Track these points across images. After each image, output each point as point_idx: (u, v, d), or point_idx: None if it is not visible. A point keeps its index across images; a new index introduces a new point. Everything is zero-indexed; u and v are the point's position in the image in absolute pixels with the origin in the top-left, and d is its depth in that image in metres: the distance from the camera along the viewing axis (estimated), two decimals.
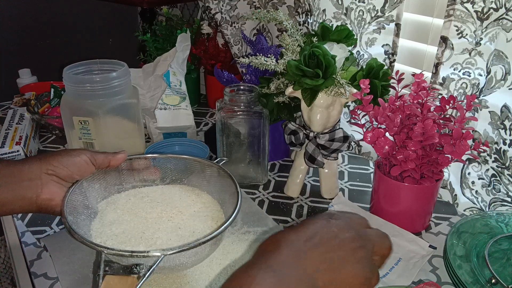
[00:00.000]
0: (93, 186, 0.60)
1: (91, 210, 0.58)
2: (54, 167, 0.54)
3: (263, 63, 0.71)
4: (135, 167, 0.64)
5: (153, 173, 0.64)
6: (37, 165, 0.54)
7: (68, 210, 0.53)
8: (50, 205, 0.54)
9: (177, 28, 1.16)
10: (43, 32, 1.52)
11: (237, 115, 0.76)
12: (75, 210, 0.55)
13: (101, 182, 0.61)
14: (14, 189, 0.52)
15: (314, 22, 0.92)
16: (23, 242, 0.66)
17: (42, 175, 0.53)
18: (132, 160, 0.64)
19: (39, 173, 0.53)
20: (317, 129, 0.72)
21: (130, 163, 0.64)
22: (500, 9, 0.62)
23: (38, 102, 1.02)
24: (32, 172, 0.53)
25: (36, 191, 0.53)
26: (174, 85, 1.01)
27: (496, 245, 0.60)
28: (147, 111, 1.00)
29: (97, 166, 0.59)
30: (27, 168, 0.53)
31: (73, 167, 0.56)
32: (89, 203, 0.58)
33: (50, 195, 0.53)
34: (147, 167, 0.64)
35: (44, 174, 0.54)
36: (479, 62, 0.68)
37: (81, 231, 0.52)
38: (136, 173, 0.64)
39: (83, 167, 0.57)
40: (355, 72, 0.71)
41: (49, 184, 0.54)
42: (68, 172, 0.55)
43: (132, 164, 0.64)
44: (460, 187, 0.76)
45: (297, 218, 0.73)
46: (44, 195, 0.53)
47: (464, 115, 0.60)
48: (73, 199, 0.55)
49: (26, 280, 0.62)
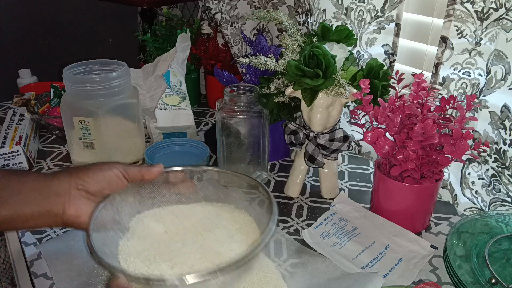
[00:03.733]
0: (127, 200, 0.56)
1: (122, 225, 0.55)
2: (84, 182, 0.52)
3: (263, 63, 0.71)
4: (170, 180, 0.60)
5: (189, 186, 0.61)
6: (67, 180, 0.51)
7: (95, 226, 0.50)
8: (77, 222, 0.51)
9: (177, 28, 1.16)
10: (43, 32, 1.52)
11: (237, 115, 0.76)
12: (103, 226, 0.52)
13: (135, 196, 0.57)
14: (41, 204, 0.50)
15: (314, 22, 0.92)
16: (23, 242, 0.66)
17: (71, 190, 0.51)
18: (168, 173, 0.59)
19: (68, 188, 0.51)
20: (317, 129, 0.72)
21: (166, 176, 0.59)
22: (500, 9, 0.62)
23: (38, 102, 1.02)
24: (61, 187, 0.51)
25: (63, 207, 0.50)
26: (174, 85, 1.01)
27: (496, 245, 0.60)
28: (147, 111, 1.00)
29: (129, 180, 0.55)
30: (56, 182, 0.51)
31: (104, 182, 0.53)
32: (120, 219, 0.55)
33: (76, 211, 0.51)
34: (183, 180, 0.61)
35: (73, 189, 0.51)
36: (479, 62, 0.68)
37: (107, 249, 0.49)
38: (171, 186, 0.60)
39: (114, 182, 0.54)
40: (355, 72, 0.71)
41: (77, 199, 0.51)
42: (98, 187, 0.52)
43: (168, 178, 0.60)
44: (460, 187, 0.76)
45: (297, 218, 0.73)
46: (71, 211, 0.51)
47: (464, 115, 0.60)
48: (103, 214, 0.52)
49: (26, 280, 0.62)
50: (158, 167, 0.57)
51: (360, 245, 0.66)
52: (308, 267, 0.61)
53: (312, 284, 0.58)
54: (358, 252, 0.65)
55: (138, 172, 0.56)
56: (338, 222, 0.71)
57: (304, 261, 0.62)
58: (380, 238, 0.67)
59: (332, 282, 0.58)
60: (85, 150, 0.84)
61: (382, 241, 0.66)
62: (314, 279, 0.59)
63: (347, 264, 0.61)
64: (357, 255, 0.64)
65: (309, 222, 0.72)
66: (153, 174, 0.57)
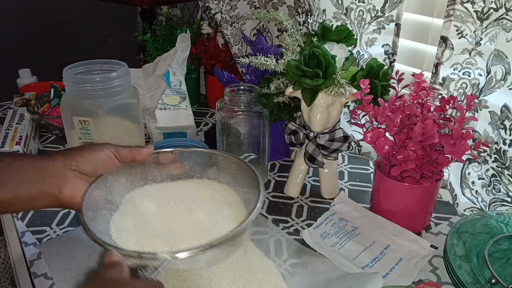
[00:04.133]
0: (118, 180, 0.58)
1: (114, 204, 0.56)
2: (77, 163, 0.53)
3: (263, 63, 0.71)
4: (161, 161, 0.62)
5: (179, 167, 0.62)
6: (61, 161, 0.53)
7: (87, 205, 0.51)
8: (73, 202, 0.53)
9: (177, 28, 1.16)
10: (43, 32, 1.52)
11: (237, 115, 0.76)
12: (96, 205, 0.53)
13: (126, 176, 0.59)
14: (38, 185, 0.51)
15: (314, 22, 0.92)
16: (23, 242, 0.66)
17: (65, 171, 0.52)
18: (158, 154, 0.61)
19: (63, 169, 0.52)
20: (317, 129, 0.72)
21: (156, 156, 0.61)
22: (500, 9, 0.62)
23: (38, 102, 1.02)
24: (56, 168, 0.52)
25: (59, 187, 0.52)
26: (174, 85, 1.01)
27: (496, 245, 0.60)
28: (147, 111, 1.00)
29: (121, 160, 0.57)
30: (51, 163, 0.52)
31: (97, 162, 0.54)
32: (113, 198, 0.57)
33: (72, 191, 0.52)
34: (174, 161, 0.62)
35: (67, 170, 0.52)
36: (479, 62, 0.68)
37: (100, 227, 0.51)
38: (162, 167, 0.62)
39: (107, 162, 0.55)
40: (355, 72, 0.71)
41: (72, 180, 0.53)
42: (92, 167, 0.54)
43: (158, 158, 0.61)
44: (460, 187, 0.76)
45: (297, 218, 0.73)
46: (67, 192, 0.52)
47: (464, 115, 0.60)
48: (95, 194, 0.54)
49: (26, 280, 0.62)
50: (149, 148, 0.59)
51: (360, 245, 0.66)
52: (308, 267, 0.61)
53: (312, 284, 0.58)
54: (358, 252, 0.65)
55: (129, 153, 0.57)
56: (338, 222, 0.71)
57: (304, 261, 0.62)
58: (380, 238, 0.67)
59: (332, 282, 0.58)
60: None
61: (382, 241, 0.66)
62: (314, 279, 0.59)
63: (347, 264, 0.61)
64: (357, 255, 0.64)
65: (309, 222, 0.72)
66: (143, 155, 0.58)
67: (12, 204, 0.50)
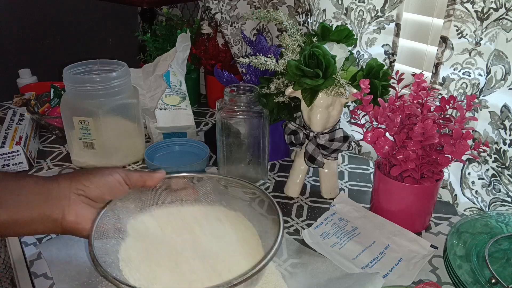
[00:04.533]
0: (128, 206, 0.56)
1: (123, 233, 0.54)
2: (84, 187, 0.50)
3: (263, 63, 0.71)
4: (172, 186, 0.59)
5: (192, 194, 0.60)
6: (67, 184, 0.50)
7: (97, 234, 0.49)
8: (77, 228, 0.50)
9: (177, 28, 1.16)
10: (43, 32, 1.52)
11: (237, 115, 0.76)
12: (105, 234, 0.51)
13: (136, 202, 0.56)
14: (40, 208, 0.49)
15: (314, 22, 0.92)
16: (23, 242, 0.66)
17: (71, 195, 0.50)
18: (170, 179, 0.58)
19: (68, 193, 0.50)
20: (317, 129, 0.72)
21: (168, 182, 0.58)
22: (500, 9, 0.62)
23: (38, 102, 1.02)
24: (61, 192, 0.50)
25: (63, 212, 0.49)
26: (174, 85, 1.01)
27: (496, 245, 0.60)
28: (147, 111, 1.00)
29: (131, 186, 0.54)
30: (56, 186, 0.50)
31: (105, 188, 0.52)
32: (122, 226, 0.54)
33: (76, 217, 0.50)
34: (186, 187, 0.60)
35: (73, 194, 0.50)
36: (479, 62, 0.68)
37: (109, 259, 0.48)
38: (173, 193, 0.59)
39: (115, 187, 0.53)
40: (355, 72, 0.71)
41: (77, 205, 0.50)
42: (99, 192, 0.51)
43: (170, 184, 0.59)
44: (460, 187, 0.76)
45: (297, 218, 0.73)
46: (71, 217, 0.49)
47: (464, 115, 0.60)
48: (104, 222, 0.51)
49: (26, 280, 0.62)
50: (160, 173, 0.56)
51: (360, 245, 0.66)
52: (308, 267, 0.61)
53: (312, 284, 0.58)
54: (358, 252, 0.65)
55: (140, 178, 0.55)
56: (338, 222, 0.71)
57: (304, 261, 0.62)
58: (380, 238, 0.67)
59: (332, 282, 0.58)
60: (85, 150, 0.84)
61: (382, 241, 0.66)
62: (314, 279, 0.59)
63: (347, 264, 0.61)
64: (357, 255, 0.64)
65: (309, 222, 0.72)
66: (154, 180, 0.55)
67: (10, 227, 0.48)
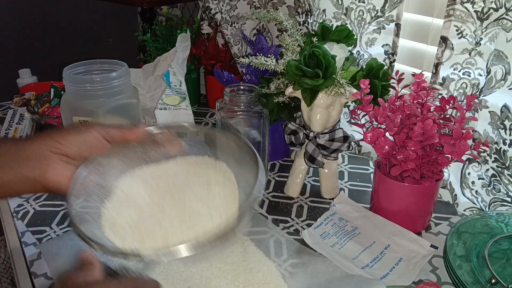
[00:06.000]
0: (111, 162, 0.53)
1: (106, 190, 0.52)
2: (60, 145, 0.49)
3: (263, 63, 0.71)
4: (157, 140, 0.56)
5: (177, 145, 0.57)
6: (41, 143, 0.49)
7: (75, 191, 0.48)
8: (58, 187, 0.49)
9: (177, 28, 1.16)
10: (43, 32, 1.52)
11: (237, 115, 0.76)
12: (85, 190, 0.49)
13: (119, 157, 0.54)
14: (18, 170, 0.47)
15: (314, 22, 0.92)
16: (23, 242, 0.66)
17: (48, 154, 0.48)
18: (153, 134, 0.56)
19: (44, 152, 0.48)
20: (317, 129, 0.72)
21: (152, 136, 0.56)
22: (500, 9, 0.62)
23: (38, 102, 1.02)
24: (36, 151, 0.48)
25: (41, 171, 0.48)
26: (174, 85, 1.01)
27: (496, 245, 0.60)
28: (147, 111, 1.00)
29: (111, 141, 0.52)
30: (30, 146, 0.49)
31: (83, 145, 0.49)
32: (105, 182, 0.52)
33: (56, 176, 0.48)
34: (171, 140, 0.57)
35: (49, 152, 0.48)
36: (479, 62, 0.68)
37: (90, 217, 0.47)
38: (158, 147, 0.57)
39: (94, 144, 0.51)
40: (355, 72, 0.71)
41: (56, 163, 0.48)
42: (77, 150, 0.49)
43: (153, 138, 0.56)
44: (460, 187, 0.76)
45: (297, 218, 0.73)
46: (51, 176, 0.48)
47: (464, 115, 0.60)
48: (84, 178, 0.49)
49: (26, 280, 0.62)
50: (141, 128, 0.54)
51: (360, 245, 0.66)
52: (308, 267, 0.61)
53: (312, 284, 0.58)
54: (358, 252, 0.65)
55: (120, 133, 0.53)
56: (338, 222, 0.71)
57: (304, 261, 0.62)
58: (380, 238, 0.67)
59: (332, 282, 0.58)
60: None
61: (382, 241, 0.66)
62: (314, 279, 0.59)
63: (347, 264, 0.61)
64: (357, 255, 0.64)
65: (309, 222, 0.72)
66: (136, 134, 0.54)
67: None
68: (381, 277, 0.59)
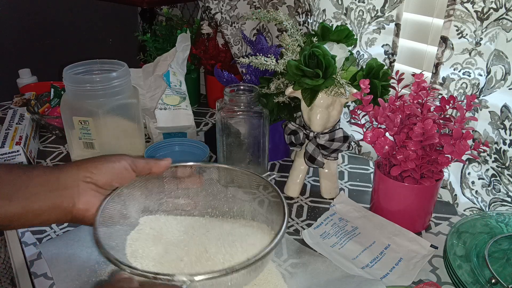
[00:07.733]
0: (134, 193, 0.56)
1: (129, 220, 0.54)
2: (92, 174, 0.51)
3: (263, 63, 0.71)
4: (178, 175, 0.60)
5: (197, 181, 0.61)
6: (75, 172, 0.50)
7: (102, 219, 0.49)
8: (86, 216, 0.51)
9: (177, 28, 1.16)
10: (43, 32, 1.52)
11: (237, 115, 0.76)
12: (110, 219, 0.51)
13: (142, 189, 0.57)
14: (50, 198, 0.49)
15: (314, 22, 0.92)
16: (23, 242, 0.66)
17: (79, 183, 0.50)
18: (176, 168, 0.59)
19: (77, 181, 0.50)
20: (317, 129, 0.72)
21: (174, 170, 0.59)
22: (500, 9, 0.62)
23: (38, 102, 1.02)
24: (69, 180, 0.50)
25: (73, 201, 0.49)
26: (174, 85, 1.01)
27: (496, 245, 0.60)
28: (147, 111, 1.00)
29: (137, 172, 0.55)
30: (64, 176, 0.50)
31: (112, 174, 0.52)
32: (128, 213, 0.54)
33: (86, 205, 0.50)
34: (191, 176, 0.60)
35: (81, 182, 0.50)
36: (479, 62, 0.68)
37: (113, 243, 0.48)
38: (179, 182, 0.60)
39: (122, 174, 0.53)
40: (355, 72, 0.71)
41: (86, 193, 0.50)
42: (107, 179, 0.52)
43: (176, 172, 0.59)
44: (460, 187, 0.76)
45: (297, 218, 0.73)
46: (80, 205, 0.50)
47: (464, 115, 0.60)
48: (110, 208, 0.51)
49: (26, 280, 0.62)
50: (167, 161, 0.57)
51: (360, 245, 0.66)
52: (308, 268, 0.61)
53: (312, 284, 0.58)
54: (358, 252, 0.65)
55: (146, 165, 0.55)
56: (338, 222, 0.71)
57: (304, 261, 0.62)
58: (380, 238, 0.67)
59: (332, 282, 0.57)
60: (85, 150, 0.84)
61: (382, 241, 0.66)
62: (314, 279, 0.59)
63: (347, 264, 0.61)
64: (357, 255, 0.64)
65: (309, 222, 0.72)
66: (161, 168, 0.56)
67: (22, 219, 0.48)
68: (381, 277, 0.59)
